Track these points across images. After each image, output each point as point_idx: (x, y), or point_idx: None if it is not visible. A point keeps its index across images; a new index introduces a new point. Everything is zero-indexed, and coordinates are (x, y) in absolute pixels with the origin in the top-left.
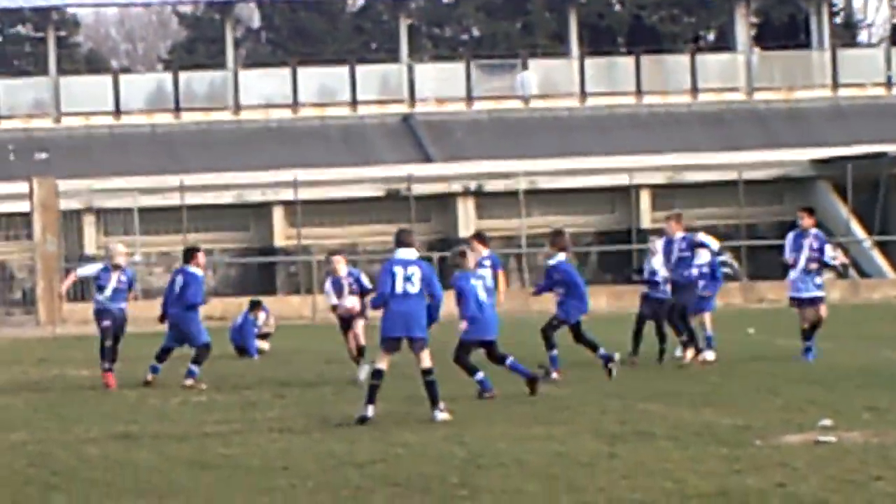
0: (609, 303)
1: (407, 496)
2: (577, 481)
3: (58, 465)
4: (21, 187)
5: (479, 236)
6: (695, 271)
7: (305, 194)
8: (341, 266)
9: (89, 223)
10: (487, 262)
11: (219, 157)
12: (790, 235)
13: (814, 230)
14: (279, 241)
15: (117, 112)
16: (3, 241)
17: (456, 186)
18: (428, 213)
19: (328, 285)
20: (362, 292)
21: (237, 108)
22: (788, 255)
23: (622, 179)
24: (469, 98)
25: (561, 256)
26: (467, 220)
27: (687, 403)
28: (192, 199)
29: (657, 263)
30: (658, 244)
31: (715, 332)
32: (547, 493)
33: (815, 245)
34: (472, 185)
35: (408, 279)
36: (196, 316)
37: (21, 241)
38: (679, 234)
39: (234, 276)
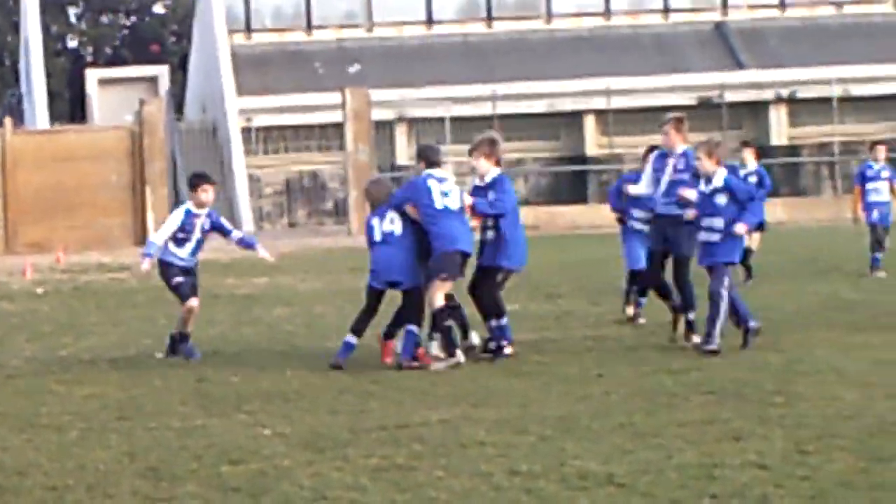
0: None
1: (721, 403)
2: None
3: (376, 373)
4: (333, 98)
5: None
6: None
7: (617, 103)
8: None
9: (401, 133)
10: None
11: (530, 65)
12: None
13: None
14: (591, 149)
15: (429, 22)
16: (315, 152)
17: (768, 94)
18: (740, 121)
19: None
20: None
21: (549, 16)
22: None
23: None
24: (782, 4)
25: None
26: (779, 127)
27: None
28: (504, 108)
29: None
30: None
31: None
32: (864, 400)
33: None
34: (785, 93)
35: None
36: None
37: (333, 151)
38: None
39: (546, 185)
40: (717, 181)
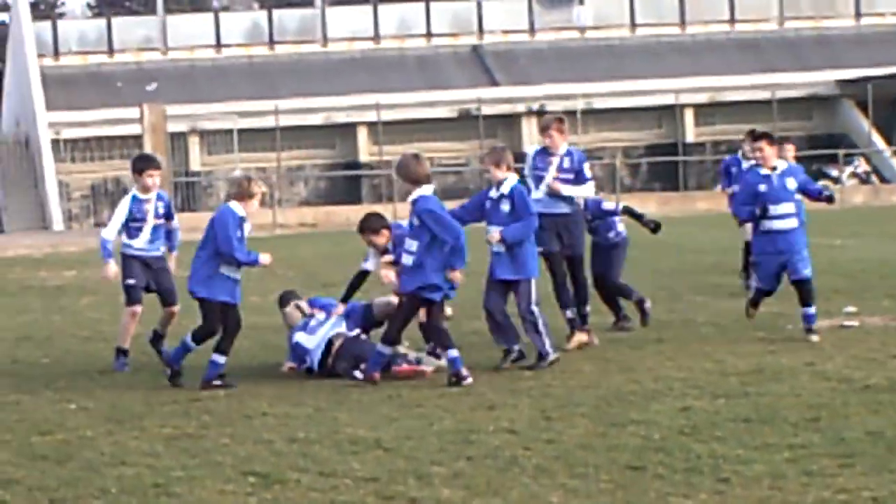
0: (658, 208)
1: (476, 377)
2: (628, 363)
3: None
4: (133, 112)
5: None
6: None
7: (386, 116)
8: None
9: (194, 143)
10: None
11: (309, 84)
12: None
13: None
14: (363, 156)
15: (218, 45)
16: (118, 160)
17: (520, 107)
18: (495, 131)
19: None
20: None
21: (325, 40)
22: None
23: (668, 99)
24: (532, 30)
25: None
26: (531, 137)
27: (727, 294)
28: (285, 121)
29: None
30: None
31: None
32: (601, 372)
33: None
34: (535, 106)
35: None
36: None
37: None
38: None
39: (324, 188)
40: (505, 188)
